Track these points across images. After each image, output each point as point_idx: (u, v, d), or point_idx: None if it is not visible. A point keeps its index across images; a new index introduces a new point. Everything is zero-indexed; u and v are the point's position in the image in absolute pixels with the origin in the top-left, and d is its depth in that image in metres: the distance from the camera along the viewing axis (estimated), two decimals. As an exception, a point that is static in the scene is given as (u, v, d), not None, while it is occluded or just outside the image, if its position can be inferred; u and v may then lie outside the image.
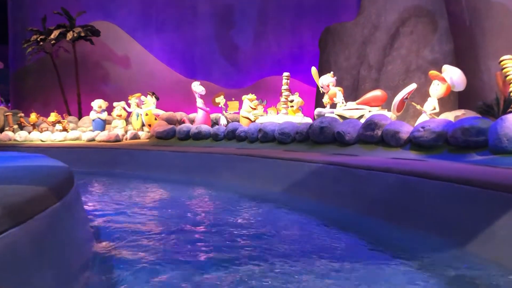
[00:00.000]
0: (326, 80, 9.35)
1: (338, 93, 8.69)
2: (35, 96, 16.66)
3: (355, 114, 8.04)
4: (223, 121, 10.91)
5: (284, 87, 9.29)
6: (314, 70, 9.59)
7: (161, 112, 11.36)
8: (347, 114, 8.10)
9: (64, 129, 12.79)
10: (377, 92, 8.15)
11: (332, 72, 9.50)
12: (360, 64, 10.91)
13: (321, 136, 6.51)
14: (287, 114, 9.38)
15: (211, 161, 7.07)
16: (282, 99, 9.35)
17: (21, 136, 11.53)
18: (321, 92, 9.76)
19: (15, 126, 12.42)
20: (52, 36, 13.71)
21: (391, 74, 10.10)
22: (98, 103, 12.58)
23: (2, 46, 18.28)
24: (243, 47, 15.39)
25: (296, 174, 5.38)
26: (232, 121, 11.82)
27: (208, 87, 13.74)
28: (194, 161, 7.37)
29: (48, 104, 15.93)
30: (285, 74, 9.31)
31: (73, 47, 14.72)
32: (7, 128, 12.27)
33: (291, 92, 10.11)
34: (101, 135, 10.98)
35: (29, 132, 11.92)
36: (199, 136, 8.95)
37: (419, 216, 3.45)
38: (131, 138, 11.50)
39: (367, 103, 8.17)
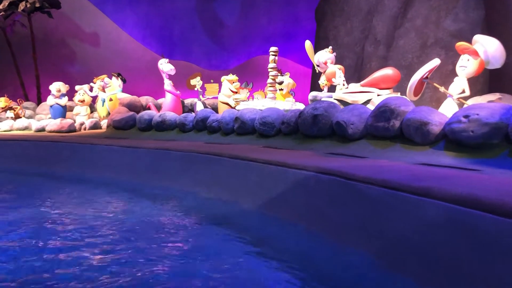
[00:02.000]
0: (323, 57, 7.66)
1: (337, 72, 7.00)
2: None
3: (360, 98, 6.36)
4: (199, 108, 9.23)
5: (271, 65, 7.60)
6: (308, 44, 7.89)
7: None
8: (349, 98, 6.42)
9: (17, 116, 11.09)
10: (388, 71, 6.45)
11: (330, 47, 7.80)
12: (365, 39, 9.20)
13: (314, 127, 4.84)
14: (274, 99, 7.70)
15: (167, 160, 5.41)
16: (269, 80, 7.66)
17: (-44, 125, 9.84)
18: (317, 72, 8.06)
19: (-46, 113, 10.71)
20: (1, 7, 11.95)
21: (403, 51, 8.39)
22: (56, 86, 10.85)
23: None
24: (227, 21, 13.63)
25: (276, 184, 3.73)
26: (212, 108, 10.16)
27: (188, 68, 12.09)
28: (146, 160, 5.71)
29: (4, 88, 14.17)
30: (272, 49, 7.61)
31: (29, 21, 12.95)
32: None
33: (280, 72, 8.41)
34: (52, 125, 9.29)
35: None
36: (162, 126, 7.27)
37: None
38: (91, 128, 9.83)
39: (375, 84, 6.49)
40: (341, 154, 4.15)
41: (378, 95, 6.38)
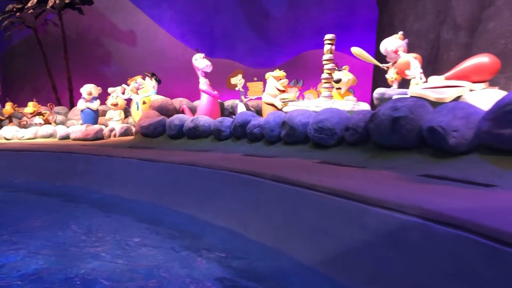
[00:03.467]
0: (393, 44, 6.22)
1: (413, 62, 5.56)
2: (23, 82, 14.48)
3: (448, 95, 4.89)
4: (241, 110, 8.04)
5: (327, 56, 6.28)
6: (356, 49, 6.49)
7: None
8: (432, 95, 4.96)
9: (47, 122, 10.38)
10: (483, 59, 4.94)
11: (401, 33, 6.36)
12: (441, 24, 7.66)
13: (394, 135, 3.49)
14: (331, 98, 6.37)
15: (193, 179, 4.23)
16: (324, 75, 6.34)
17: (-22, 133, 9.20)
18: (382, 68, 6.62)
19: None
20: (29, 4, 11.35)
21: (494, 36, 6.80)
22: (87, 89, 10.08)
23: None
24: (274, 13, 12.39)
25: (348, 230, 2.42)
26: (256, 111, 8.95)
27: (230, 67, 10.97)
28: (169, 178, 4.56)
29: (38, 91, 13.68)
30: (328, 36, 6.30)
31: (60, 18, 12.30)
32: (-33, 123, 10.03)
33: (337, 66, 7.07)
34: (76, 132, 8.41)
35: (0, 127, 9.62)
36: (195, 133, 6.12)
37: None
38: (122, 135, 8.90)
39: (465, 76, 5.00)
40: (444, 177, 2.77)
41: (470, 90, 4.92)
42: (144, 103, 9.31)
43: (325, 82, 6.38)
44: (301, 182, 2.88)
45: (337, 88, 6.80)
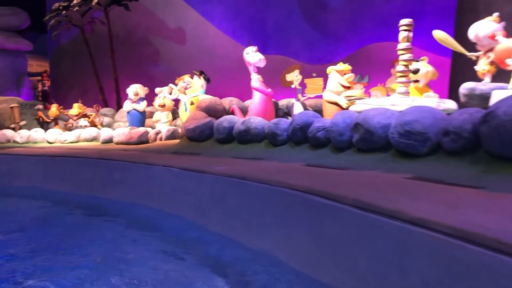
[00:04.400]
0: (487, 28, 5.12)
1: (517, 49, 4.49)
2: (71, 83, 14.31)
3: None
4: (298, 111, 7.18)
5: (403, 45, 5.31)
6: (439, 34, 5.44)
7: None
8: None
9: (93, 125, 10.00)
10: None
11: (496, 14, 5.25)
12: (541, 4, 6.44)
13: (524, 143, 2.51)
14: (408, 94, 5.37)
15: (243, 197, 3.42)
16: (399, 67, 5.36)
17: (22, 136, 8.87)
18: (470, 57, 5.50)
19: (23, 122, 9.85)
20: (75, 1, 11.05)
21: None
22: (133, 89, 9.57)
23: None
24: (332, 3, 11.40)
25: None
26: (315, 111, 8.04)
27: (285, 64, 10.14)
28: (214, 193, 3.79)
29: (86, 93, 13.43)
30: (404, 21, 5.33)
31: (106, 16, 11.95)
32: (12, 125, 9.77)
33: (414, 58, 6.03)
34: (119, 135, 7.87)
35: (47, 129, 9.30)
36: (246, 136, 5.32)
37: None
38: (169, 138, 8.31)
39: None
40: None
41: None
42: (192, 103, 8.67)
43: (400, 76, 5.38)
44: (402, 213, 1.97)
45: (414, 81, 5.78)
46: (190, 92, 8.80)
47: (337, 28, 11.44)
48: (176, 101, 9.32)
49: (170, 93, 9.25)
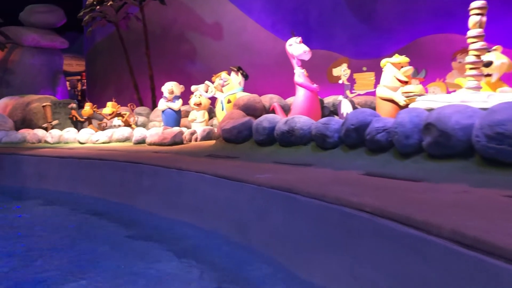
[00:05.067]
0: None
1: None
2: (106, 81, 14.06)
3: None
4: (346, 109, 6.50)
5: (473, 32, 4.54)
6: None
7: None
8: None
9: (127, 124, 9.63)
10: None
11: None
12: None
13: None
14: (479, 89, 4.59)
15: (291, 213, 2.80)
16: (469, 58, 4.59)
17: (53, 136, 8.56)
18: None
19: (55, 122, 9.57)
20: (109, -5, 10.76)
21: None
22: (168, 87, 9.15)
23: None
24: (382, -8, 10.63)
25: None
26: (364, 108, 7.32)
27: (329, 59, 9.46)
28: (255, 207, 3.19)
29: (122, 91, 13.15)
30: (476, 4, 4.58)
31: (141, 11, 11.58)
32: (44, 125, 9.52)
33: (487, 48, 5.22)
34: (152, 135, 7.41)
35: (80, 129, 8.99)
36: (290, 138, 4.69)
37: None
38: (205, 138, 7.81)
39: None
40: None
41: None
42: (229, 101, 8.13)
43: (471, 68, 4.61)
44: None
45: (486, 75, 5.00)
46: (227, 90, 8.29)
47: (386, 19, 10.60)
48: (213, 99, 8.83)
49: (206, 91, 8.77)
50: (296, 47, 6.38)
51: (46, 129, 9.34)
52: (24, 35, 14.42)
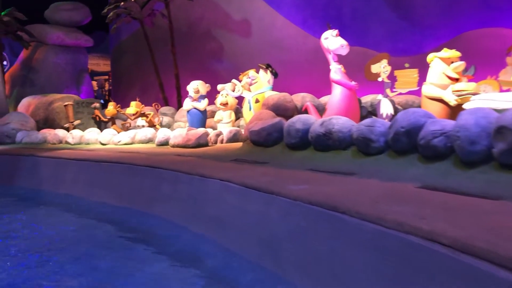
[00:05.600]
0: None
1: None
2: (131, 80, 13.77)
3: None
4: (386, 109, 5.92)
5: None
6: None
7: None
8: None
9: (151, 125, 9.28)
10: None
11: None
12: None
13: None
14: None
15: (339, 237, 2.27)
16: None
17: (74, 136, 8.25)
18: None
19: (77, 122, 9.29)
20: (132, -8, 10.46)
21: None
22: (194, 86, 8.75)
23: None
24: (422, -16, 9.97)
25: None
26: (405, 109, 6.73)
27: (363, 56, 8.89)
28: (292, 224, 2.66)
29: (147, 90, 12.85)
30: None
31: (167, 7, 11.22)
32: (66, 124, 9.25)
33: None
34: (176, 137, 6.99)
35: (104, 129, 8.69)
36: (327, 142, 4.17)
37: None
38: (231, 140, 7.35)
39: None
40: None
41: None
42: (257, 101, 7.66)
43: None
44: None
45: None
46: (255, 89, 7.82)
47: (426, 13, 9.93)
48: (240, 99, 8.38)
49: (233, 90, 8.32)
50: (332, 41, 5.84)
51: (67, 129, 9.07)
52: (49, 33, 14.29)
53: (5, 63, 18.12)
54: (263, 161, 4.51)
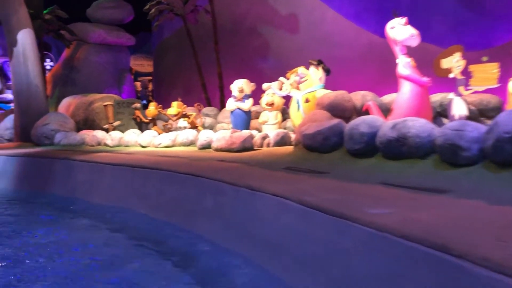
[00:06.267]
0: None
1: None
2: (174, 80, 13.40)
3: None
4: (459, 110, 5.12)
5: None
6: None
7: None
8: None
9: (193, 126, 8.80)
10: None
11: None
12: None
13: None
14: None
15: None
16: None
17: (113, 138, 7.87)
18: None
19: (117, 123, 8.91)
20: (173, -13, 10.05)
21: None
22: (238, 85, 8.23)
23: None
24: (493, -30, 9.03)
25: None
26: (479, 110, 5.89)
27: (424, 52, 8.05)
28: (378, 266, 1.99)
29: (190, 90, 12.44)
30: None
31: (210, 2, 10.76)
32: (106, 125, 8.90)
33: None
34: (219, 140, 6.44)
35: (145, 130, 8.30)
36: (400, 148, 3.47)
37: None
38: (278, 144, 6.76)
39: None
40: None
41: None
42: (307, 101, 7.02)
43: None
44: None
45: None
46: (305, 87, 7.18)
47: (496, 3, 8.98)
48: (287, 99, 7.77)
49: (281, 89, 7.71)
50: (400, 30, 5.10)
51: (107, 130, 8.73)
52: (90, 31, 14.15)
53: (52, 63, 18.29)
54: (321, 170, 3.85)
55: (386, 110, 5.52)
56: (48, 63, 18.14)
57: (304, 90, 7.12)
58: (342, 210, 2.32)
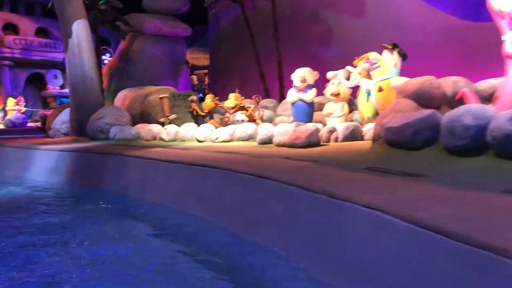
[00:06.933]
0: None
1: None
2: (231, 70, 12.94)
3: None
4: None
5: None
6: None
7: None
8: None
9: (252, 119, 8.25)
10: None
11: None
12: None
13: None
14: None
15: None
16: None
17: (169, 132, 7.47)
18: None
19: (173, 116, 8.52)
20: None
21: None
22: (300, 74, 7.58)
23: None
24: None
25: None
26: None
27: None
28: None
29: (247, 81, 11.94)
30: None
31: (270, -12, 10.26)
32: (162, 119, 8.53)
33: None
34: (281, 134, 5.83)
35: (201, 124, 7.88)
36: (526, 146, 2.73)
37: None
38: (347, 139, 6.09)
39: None
40: None
41: None
42: (380, 89, 6.31)
43: None
44: None
45: None
46: (378, 74, 6.46)
47: None
48: (354, 88, 7.08)
49: (348, 78, 7.00)
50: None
51: (163, 124, 8.37)
52: (145, 22, 13.95)
53: (110, 58, 18.44)
54: (414, 172, 3.14)
55: (482, 99, 4.69)
56: (107, 57, 18.28)
57: (376, 78, 6.41)
58: (470, 232, 1.64)
